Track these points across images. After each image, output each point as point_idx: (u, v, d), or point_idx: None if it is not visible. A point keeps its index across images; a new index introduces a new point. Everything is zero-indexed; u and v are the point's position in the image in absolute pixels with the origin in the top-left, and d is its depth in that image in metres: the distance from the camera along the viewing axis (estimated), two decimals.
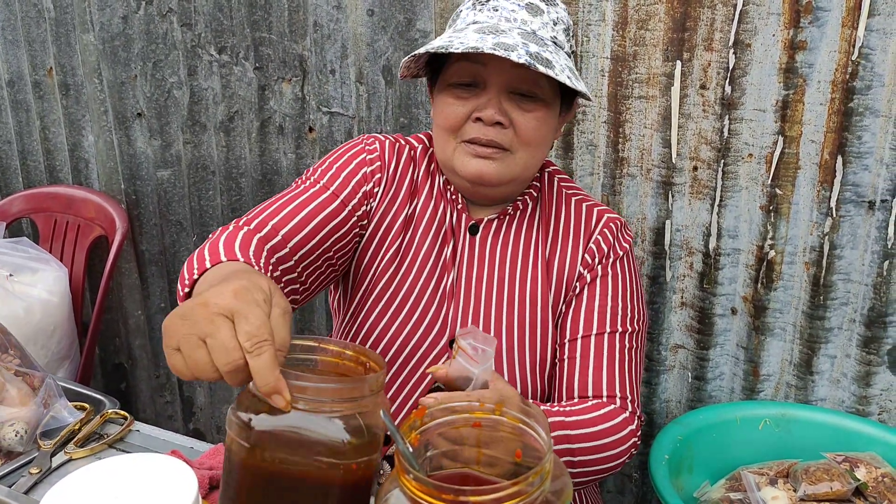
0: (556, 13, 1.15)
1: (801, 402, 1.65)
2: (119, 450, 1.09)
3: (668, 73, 1.59)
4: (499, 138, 1.11)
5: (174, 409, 2.53)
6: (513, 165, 1.14)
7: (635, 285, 1.25)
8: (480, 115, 1.11)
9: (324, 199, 1.16)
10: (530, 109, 1.12)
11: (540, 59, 1.03)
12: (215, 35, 2.04)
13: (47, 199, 2.37)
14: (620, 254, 1.24)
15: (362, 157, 1.24)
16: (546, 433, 0.71)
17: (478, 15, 1.14)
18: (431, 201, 1.25)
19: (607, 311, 1.20)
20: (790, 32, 1.47)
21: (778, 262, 1.59)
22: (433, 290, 1.22)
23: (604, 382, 1.17)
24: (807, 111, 1.49)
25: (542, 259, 1.23)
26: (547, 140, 1.17)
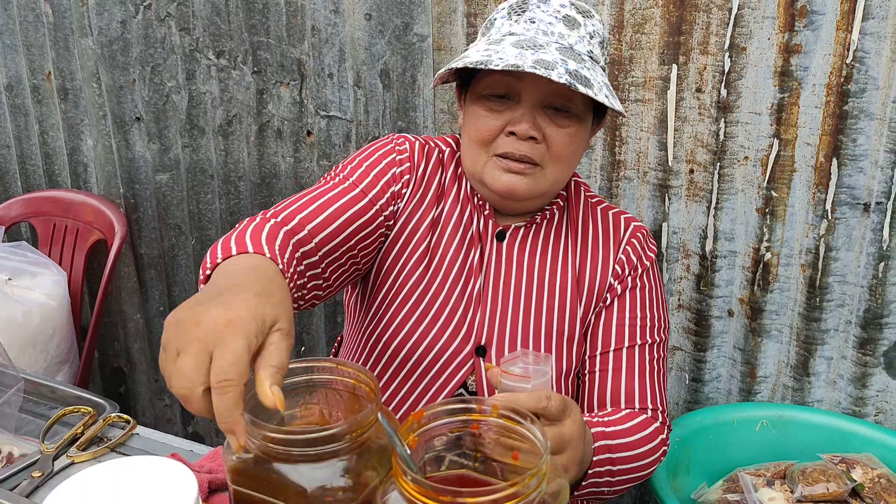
0: (592, 26, 1.13)
1: (797, 403, 1.66)
2: (121, 453, 1.10)
3: (664, 77, 1.60)
4: (531, 153, 1.10)
5: (173, 412, 2.54)
6: (543, 181, 1.13)
7: (661, 295, 1.26)
8: (514, 130, 1.09)
9: (352, 196, 1.15)
10: (564, 125, 1.11)
11: (579, 78, 1.02)
12: (213, 39, 2.05)
13: (46, 203, 2.38)
14: (647, 265, 1.24)
15: (392, 156, 1.22)
16: (542, 435, 0.71)
17: (514, 26, 1.12)
18: (458, 205, 1.23)
19: (637, 324, 1.21)
20: (785, 36, 1.48)
21: (774, 265, 1.60)
22: (459, 294, 1.21)
23: (636, 395, 1.18)
24: (802, 114, 1.50)
25: (572, 267, 1.23)
26: (578, 155, 1.16)
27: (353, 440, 0.75)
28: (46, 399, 1.27)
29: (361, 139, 1.96)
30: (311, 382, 0.85)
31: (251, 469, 0.77)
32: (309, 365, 0.84)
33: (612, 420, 1.12)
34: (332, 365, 0.84)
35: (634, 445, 1.11)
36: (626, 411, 1.16)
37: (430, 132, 1.89)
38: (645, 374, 1.19)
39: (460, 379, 1.22)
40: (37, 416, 1.23)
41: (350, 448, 0.75)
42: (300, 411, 0.86)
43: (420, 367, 1.22)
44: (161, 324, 2.43)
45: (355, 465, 0.76)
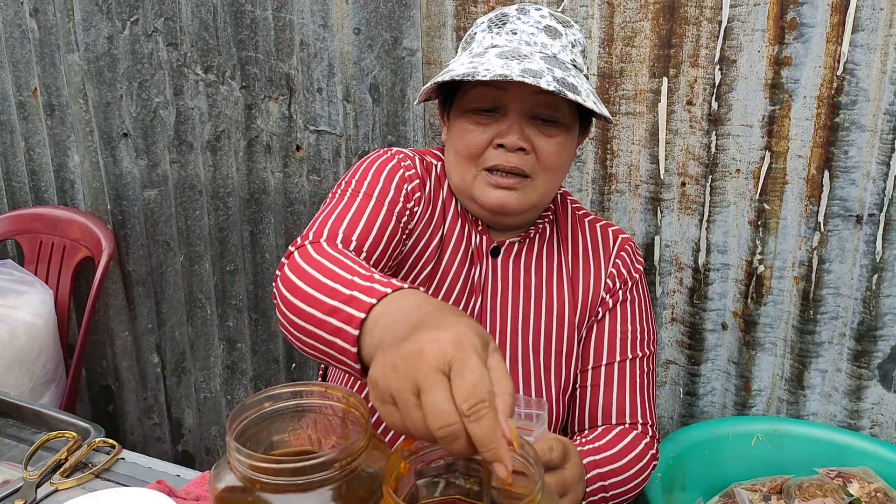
0: (573, 35, 1.13)
1: (792, 416, 1.65)
2: (106, 479, 1.07)
3: (654, 90, 1.59)
4: (521, 164, 1.09)
5: (162, 431, 2.50)
6: (533, 193, 1.12)
7: (649, 308, 1.26)
8: (503, 142, 1.08)
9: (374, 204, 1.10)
10: (552, 135, 1.10)
11: (566, 85, 1.01)
12: (201, 54, 2.04)
13: (32, 220, 2.35)
14: (637, 277, 1.24)
15: (401, 172, 1.17)
16: (536, 462, 0.70)
17: (496, 38, 1.11)
18: (458, 223, 1.21)
19: (628, 338, 1.21)
20: (775, 48, 1.47)
21: (767, 277, 1.59)
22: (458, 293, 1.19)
23: (627, 409, 1.18)
24: (793, 126, 1.50)
25: (567, 281, 1.22)
26: (567, 165, 1.15)
27: (343, 468, 0.73)
28: (30, 423, 1.25)
29: (351, 154, 1.95)
30: (300, 407, 0.83)
31: (237, 498, 0.75)
32: (298, 389, 0.82)
33: (602, 445, 1.12)
34: (321, 389, 0.83)
35: (626, 468, 1.11)
36: (618, 429, 1.16)
37: (420, 146, 1.88)
38: (636, 388, 1.19)
39: None
40: (20, 441, 1.20)
41: (340, 476, 0.73)
42: (288, 437, 0.84)
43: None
44: (149, 341, 2.40)
45: (345, 493, 0.74)
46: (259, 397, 0.81)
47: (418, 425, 0.61)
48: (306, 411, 0.83)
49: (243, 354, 2.28)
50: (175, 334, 2.36)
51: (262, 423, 0.81)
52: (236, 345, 2.29)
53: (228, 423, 0.77)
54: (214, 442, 2.43)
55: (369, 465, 0.77)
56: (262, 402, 0.81)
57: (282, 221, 2.08)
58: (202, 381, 2.37)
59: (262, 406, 0.81)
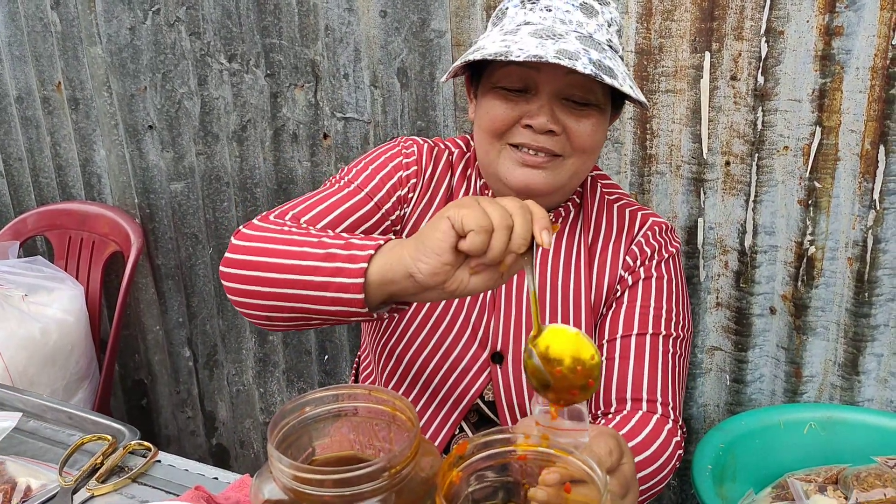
0: (609, 13, 1.08)
1: (847, 403, 1.58)
2: (142, 484, 1.04)
3: (696, 66, 1.52)
4: (550, 146, 1.05)
5: (196, 424, 2.49)
6: (563, 173, 1.08)
7: (681, 289, 1.19)
8: (531, 123, 1.04)
9: (357, 200, 1.12)
10: (585, 116, 1.05)
11: (603, 68, 0.97)
12: (225, 43, 2.00)
13: (61, 215, 2.33)
14: (665, 256, 1.18)
15: (399, 160, 1.18)
16: (601, 470, 0.65)
17: (529, 15, 1.06)
18: None
19: (650, 313, 1.14)
20: (825, 18, 1.40)
21: (819, 259, 1.52)
22: (472, 300, 1.17)
23: (644, 385, 1.10)
24: (845, 100, 1.42)
25: (585, 264, 1.18)
26: (599, 147, 1.11)
27: (392, 477, 0.69)
28: (64, 425, 1.22)
29: (379, 140, 1.90)
30: (343, 411, 0.79)
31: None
32: (340, 392, 0.78)
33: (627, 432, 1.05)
34: (365, 392, 0.79)
35: (652, 459, 1.04)
36: (638, 415, 1.08)
37: (451, 131, 1.82)
38: (656, 364, 1.12)
39: (478, 389, 1.17)
40: (54, 444, 1.18)
41: (389, 486, 0.69)
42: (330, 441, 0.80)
43: (436, 379, 1.17)
44: (180, 335, 2.39)
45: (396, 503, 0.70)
46: (300, 401, 0.77)
47: (481, 216, 0.77)
48: (349, 414, 0.80)
49: (275, 346, 2.26)
50: (206, 327, 2.34)
51: (304, 428, 0.77)
52: (268, 337, 2.26)
53: (269, 430, 0.73)
54: (248, 435, 2.41)
55: (419, 472, 0.73)
56: (304, 406, 0.77)
57: None
58: (234, 374, 2.36)
59: (304, 410, 0.77)
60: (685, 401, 1.74)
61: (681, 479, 1.81)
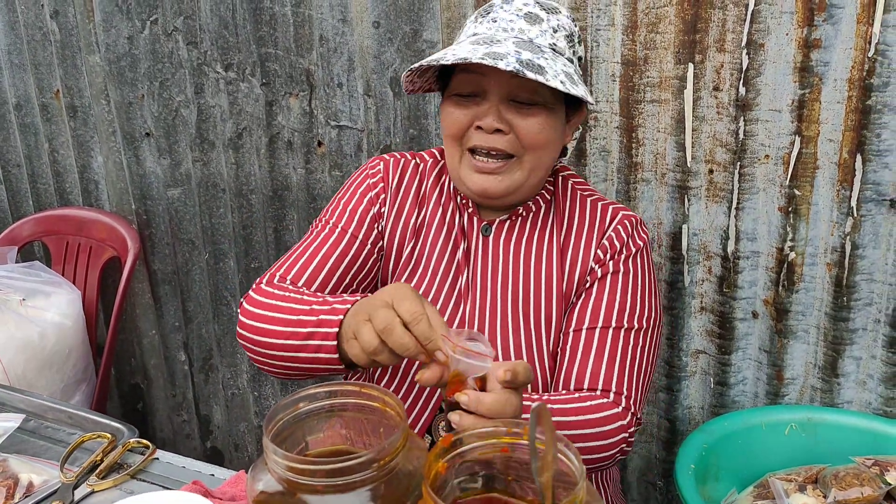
0: (556, 20, 1.16)
1: (827, 405, 1.62)
2: (141, 480, 1.08)
3: (680, 76, 1.57)
4: (501, 145, 1.14)
5: (191, 427, 2.52)
6: (518, 174, 1.17)
7: (648, 283, 1.24)
8: (480, 124, 1.14)
9: (343, 243, 1.24)
10: (531, 114, 1.13)
11: (531, 66, 1.05)
12: (221, 52, 2.04)
13: (58, 221, 2.37)
14: (634, 250, 1.23)
15: (366, 183, 1.30)
16: (577, 459, 0.69)
17: (478, 27, 1.17)
18: (440, 207, 1.28)
19: (615, 306, 1.20)
20: (804, 31, 1.44)
21: (799, 264, 1.57)
22: (448, 291, 1.25)
23: (601, 376, 1.15)
24: (824, 110, 1.47)
25: (557, 255, 1.24)
26: (552, 143, 1.18)
27: (382, 468, 0.73)
28: (64, 424, 1.26)
29: (373, 148, 1.94)
30: (335, 407, 0.83)
31: (276, 501, 0.75)
32: (333, 389, 0.82)
33: (560, 399, 1.10)
34: (356, 388, 0.82)
35: (582, 425, 1.08)
36: (587, 394, 1.13)
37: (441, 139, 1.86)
38: (615, 357, 1.16)
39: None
40: (55, 442, 1.21)
41: (378, 476, 0.73)
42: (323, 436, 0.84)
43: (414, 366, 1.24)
44: (176, 339, 2.42)
45: (384, 493, 0.73)
46: (294, 398, 0.81)
47: (369, 339, 0.89)
48: (341, 410, 0.83)
49: None
50: (202, 332, 2.37)
51: (298, 424, 0.81)
52: None
53: (265, 424, 0.77)
54: (243, 438, 2.44)
55: (407, 464, 0.76)
56: (298, 402, 0.81)
57: (305, 218, 2.08)
58: (230, 378, 2.39)
59: (298, 406, 0.81)
60: (670, 403, 1.78)
61: (666, 480, 1.85)
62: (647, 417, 1.83)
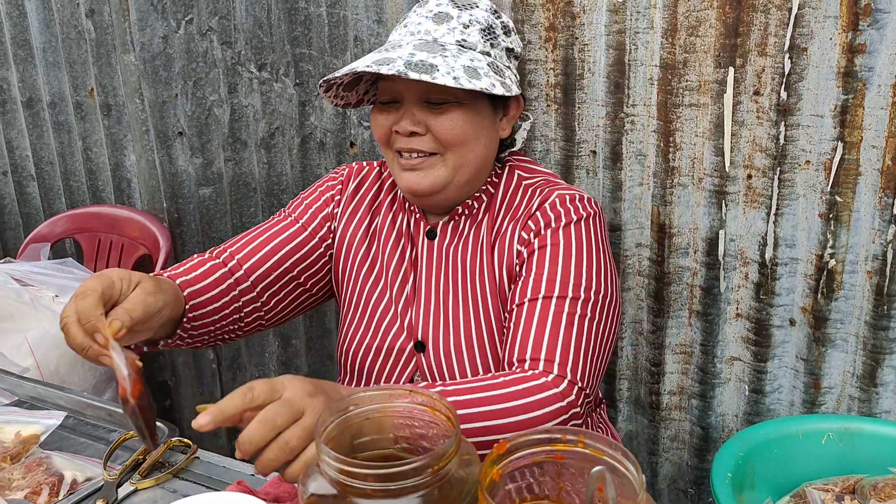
0: (469, 15, 1.19)
1: (864, 414, 1.60)
2: (183, 479, 1.08)
3: (720, 80, 1.55)
4: (419, 146, 1.18)
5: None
6: (442, 169, 1.20)
7: (588, 253, 1.18)
8: (397, 128, 1.19)
9: (291, 230, 1.32)
10: (442, 112, 1.16)
11: (419, 67, 1.08)
12: (255, 52, 2.05)
13: (91, 219, 2.39)
14: (565, 221, 1.19)
15: (327, 184, 1.39)
16: (636, 469, 0.68)
17: (393, 35, 1.23)
18: (391, 213, 1.34)
19: (543, 278, 1.16)
20: (848, 35, 1.43)
21: (839, 272, 1.55)
22: (397, 295, 1.30)
23: (529, 345, 1.09)
24: (867, 116, 1.45)
25: (488, 250, 1.26)
26: (471, 137, 1.19)
27: (435, 473, 0.72)
28: (103, 421, 1.27)
29: None
30: (385, 411, 0.82)
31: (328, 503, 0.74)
32: (380, 392, 0.82)
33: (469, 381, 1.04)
34: (406, 392, 0.82)
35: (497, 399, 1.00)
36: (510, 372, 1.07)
37: None
38: (545, 325, 1.10)
39: (408, 375, 1.28)
40: (95, 440, 1.22)
41: (432, 482, 0.72)
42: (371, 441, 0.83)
43: (367, 368, 1.30)
44: None
45: (436, 499, 0.73)
46: (345, 401, 0.81)
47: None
48: (391, 415, 0.83)
49: (298, 351, 2.30)
50: None
51: (347, 427, 0.81)
52: (291, 341, 2.30)
53: (317, 427, 0.76)
54: None
55: (459, 470, 0.76)
56: (348, 406, 0.81)
57: None
58: (257, 377, 2.39)
59: (348, 410, 0.81)
60: (703, 410, 1.76)
61: (698, 487, 1.83)
62: (679, 424, 1.81)
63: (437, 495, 0.73)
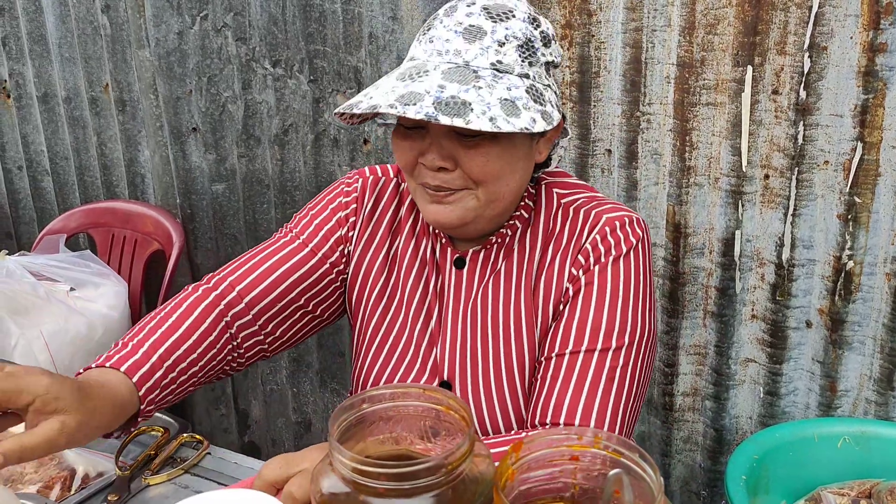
0: (505, 30, 1.00)
1: (881, 418, 1.58)
2: (195, 475, 1.08)
3: (738, 79, 1.53)
4: (447, 183, 1.02)
5: (229, 422, 2.54)
6: (472, 202, 1.04)
7: (634, 290, 1.08)
8: (423, 161, 1.03)
9: (297, 253, 1.17)
10: (474, 146, 1.00)
11: (451, 106, 0.93)
12: (270, 49, 2.04)
13: (105, 213, 2.40)
14: (615, 254, 1.07)
15: (339, 200, 1.20)
16: (654, 471, 0.67)
17: (416, 49, 1.04)
18: (413, 237, 1.18)
19: (587, 326, 1.06)
20: (869, 34, 1.41)
21: (857, 273, 1.53)
22: (421, 330, 1.16)
23: (564, 409, 1.02)
24: (888, 116, 1.43)
25: (529, 285, 1.12)
26: (507, 172, 1.04)
27: (449, 473, 0.71)
28: None
29: None
30: (398, 409, 0.82)
31: (341, 501, 0.74)
32: (396, 391, 0.81)
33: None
34: (419, 391, 0.81)
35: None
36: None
37: None
38: (583, 384, 1.03)
39: None
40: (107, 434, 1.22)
41: (445, 481, 0.72)
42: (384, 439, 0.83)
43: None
44: None
45: (450, 499, 0.72)
46: (358, 398, 0.80)
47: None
48: (403, 413, 0.82)
49: (309, 347, 2.30)
50: None
51: (360, 424, 0.80)
52: None
53: (330, 424, 0.76)
54: (280, 434, 2.45)
55: (472, 470, 0.75)
56: (360, 403, 0.80)
57: None
58: (268, 374, 2.40)
59: (360, 408, 0.80)
60: (717, 411, 1.75)
61: (710, 490, 1.82)
62: (693, 426, 1.80)
63: (451, 495, 0.72)
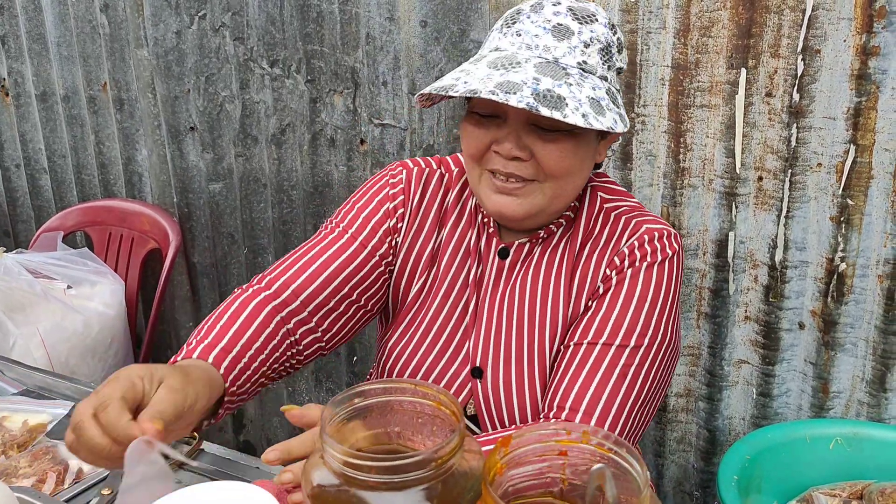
0: (590, 32, 1.04)
1: (873, 420, 1.59)
2: (187, 470, 1.08)
3: (731, 81, 1.54)
4: (519, 171, 1.06)
5: (224, 420, 2.54)
6: (538, 197, 1.08)
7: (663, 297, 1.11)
8: (498, 149, 1.06)
9: (346, 248, 1.18)
10: (552, 140, 1.04)
11: (548, 99, 0.96)
12: (267, 48, 2.05)
13: (102, 212, 2.40)
14: (649, 261, 1.11)
15: (385, 192, 1.22)
16: (641, 466, 0.68)
17: (502, 40, 1.06)
18: (459, 227, 1.21)
19: (610, 321, 1.09)
20: (862, 38, 1.42)
21: (849, 275, 1.54)
22: (459, 316, 1.19)
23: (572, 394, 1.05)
24: (880, 119, 1.44)
25: (566, 281, 1.15)
26: (577, 169, 1.08)
27: (438, 467, 0.72)
28: None
29: (416, 148, 1.94)
30: (389, 404, 0.82)
31: (332, 494, 0.74)
32: (388, 386, 0.82)
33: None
34: (411, 386, 0.82)
35: None
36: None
37: None
38: (595, 374, 1.06)
39: (461, 403, 1.18)
40: None
41: (435, 475, 0.72)
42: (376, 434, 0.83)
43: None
44: None
45: (440, 492, 0.73)
46: (349, 393, 0.81)
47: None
48: (395, 408, 0.83)
49: None
50: None
51: (353, 418, 0.81)
52: None
53: (322, 419, 0.76)
54: (276, 432, 2.46)
55: (462, 464, 0.76)
56: (353, 398, 0.81)
57: None
58: None
59: (353, 402, 0.81)
60: (710, 412, 1.76)
61: (703, 490, 1.83)
62: (686, 427, 1.81)
63: (441, 489, 0.73)
